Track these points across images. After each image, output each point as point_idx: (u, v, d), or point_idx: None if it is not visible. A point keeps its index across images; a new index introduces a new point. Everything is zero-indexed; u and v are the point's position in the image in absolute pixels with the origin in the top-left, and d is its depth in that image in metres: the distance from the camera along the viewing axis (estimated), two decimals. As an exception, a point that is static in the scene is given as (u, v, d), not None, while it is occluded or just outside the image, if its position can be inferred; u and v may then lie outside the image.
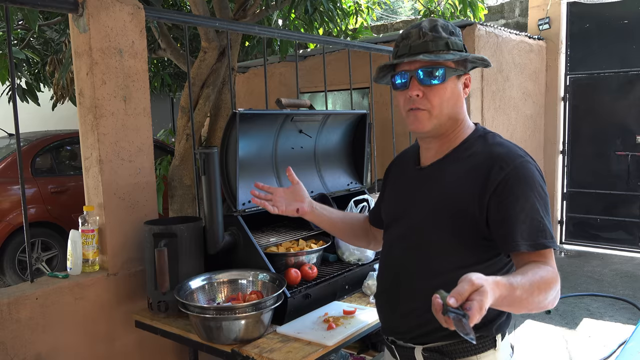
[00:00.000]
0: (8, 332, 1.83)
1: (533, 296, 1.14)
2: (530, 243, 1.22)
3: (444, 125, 1.37)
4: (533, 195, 1.25)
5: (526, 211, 1.23)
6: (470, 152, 1.36)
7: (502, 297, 1.07)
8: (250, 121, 2.13)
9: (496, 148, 1.33)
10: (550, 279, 1.19)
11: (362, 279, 2.22)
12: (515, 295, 1.10)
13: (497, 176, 1.26)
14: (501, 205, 1.25)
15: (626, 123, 6.03)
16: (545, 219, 1.24)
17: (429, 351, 1.36)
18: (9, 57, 1.98)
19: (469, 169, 1.32)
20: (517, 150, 1.33)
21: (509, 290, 1.08)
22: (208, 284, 1.94)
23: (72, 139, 6.04)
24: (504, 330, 1.38)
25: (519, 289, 1.10)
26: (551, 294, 1.18)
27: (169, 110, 10.97)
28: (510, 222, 1.24)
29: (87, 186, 2.16)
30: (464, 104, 1.41)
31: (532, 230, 1.23)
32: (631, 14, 5.89)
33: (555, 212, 6.55)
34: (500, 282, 1.07)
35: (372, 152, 4.53)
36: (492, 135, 1.40)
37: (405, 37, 1.36)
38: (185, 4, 5.78)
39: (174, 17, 2.72)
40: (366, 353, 2.46)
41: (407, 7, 19.01)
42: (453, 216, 1.31)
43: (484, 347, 1.34)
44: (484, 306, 1.00)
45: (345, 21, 6.19)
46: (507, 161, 1.28)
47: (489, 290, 1.01)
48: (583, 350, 3.76)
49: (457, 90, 1.38)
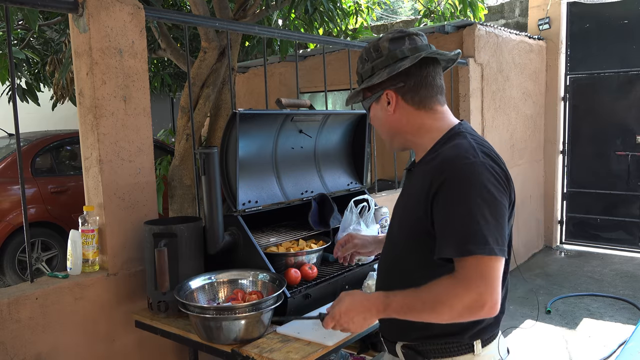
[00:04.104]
0: (8, 332, 1.83)
1: (417, 311, 1.24)
2: (455, 249, 1.19)
3: (400, 142, 1.46)
4: (469, 199, 1.19)
5: (457, 216, 1.19)
6: (433, 155, 1.34)
7: (380, 310, 1.29)
8: (250, 121, 2.13)
9: (448, 150, 1.29)
10: (442, 294, 1.20)
11: (362, 279, 2.22)
12: (393, 308, 1.27)
13: (437, 181, 1.24)
14: (438, 210, 1.24)
15: (626, 123, 6.03)
16: (481, 223, 1.17)
17: (406, 348, 1.40)
18: (9, 57, 1.98)
19: (422, 175, 1.32)
20: (467, 151, 1.26)
21: (383, 304, 1.29)
22: (208, 284, 1.93)
23: (72, 139, 6.03)
24: (483, 337, 1.35)
25: (395, 302, 1.27)
26: (451, 309, 1.19)
27: (169, 110, 10.97)
28: (442, 227, 1.22)
29: (87, 186, 2.16)
30: (406, 117, 1.40)
31: (460, 236, 1.18)
32: (631, 14, 5.89)
33: (555, 212, 6.55)
34: (372, 296, 1.33)
35: (372, 152, 4.53)
36: (459, 135, 1.34)
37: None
38: (185, 4, 5.78)
39: (174, 17, 2.72)
40: (366, 353, 2.45)
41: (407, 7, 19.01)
42: (411, 219, 1.34)
43: (460, 351, 1.34)
44: (334, 312, 1.37)
45: (345, 21, 6.19)
46: (448, 164, 1.25)
47: (344, 301, 1.36)
48: (583, 350, 3.76)
49: (381, 114, 1.43)
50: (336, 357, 2.34)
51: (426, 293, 1.22)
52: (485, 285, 1.17)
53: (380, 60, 1.38)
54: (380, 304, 1.30)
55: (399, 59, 1.35)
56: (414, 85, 1.37)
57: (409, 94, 1.38)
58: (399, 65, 1.34)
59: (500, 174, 1.25)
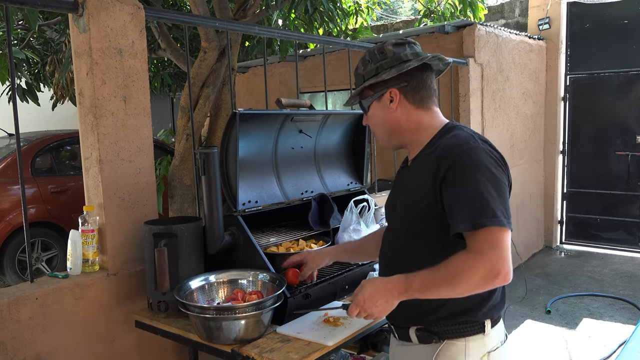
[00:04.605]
0: (8, 332, 1.83)
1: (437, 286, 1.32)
2: (469, 223, 1.29)
3: (393, 140, 1.56)
4: (475, 179, 1.32)
5: (467, 194, 1.31)
6: (432, 149, 1.46)
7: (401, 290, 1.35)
8: (250, 121, 2.13)
9: (448, 141, 1.43)
10: (460, 268, 1.29)
11: (362, 278, 2.21)
12: (415, 287, 1.34)
13: (443, 166, 1.36)
14: (448, 191, 1.35)
15: (626, 123, 6.03)
16: (488, 198, 1.29)
17: (420, 330, 1.48)
18: (9, 57, 1.98)
19: (426, 165, 1.44)
20: (468, 139, 1.40)
21: (404, 284, 1.35)
22: (208, 284, 1.93)
23: (72, 139, 6.03)
24: (492, 316, 1.46)
25: (416, 282, 1.33)
26: (468, 280, 1.28)
27: (169, 110, 10.96)
28: (453, 206, 1.33)
29: (87, 186, 2.16)
30: (406, 115, 1.52)
31: (471, 211, 1.29)
32: (631, 14, 5.89)
33: (555, 212, 6.55)
34: (393, 279, 1.38)
35: (372, 152, 4.53)
36: (454, 129, 1.48)
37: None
38: (185, 4, 5.78)
39: (174, 17, 2.72)
40: (366, 353, 2.45)
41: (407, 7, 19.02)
42: (413, 207, 1.45)
43: (472, 331, 1.44)
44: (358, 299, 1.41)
45: (345, 21, 6.19)
46: (451, 151, 1.38)
47: (365, 287, 1.41)
48: (583, 350, 3.76)
49: (381, 112, 1.53)
50: (336, 357, 2.34)
51: (443, 269, 1.31)
52: (497, 255, 1.27)
53: (386, 61, 1.49)
54: (401, 285, 1.36)
55: (404, 61, 1.48)
56: (416, 86, 1.50)
57: (410, 93, 1.51)
58: (407, 65, 1.46)
59: (497, 157, 1.40)
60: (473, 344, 1.44)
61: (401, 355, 1.57)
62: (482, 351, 1.44)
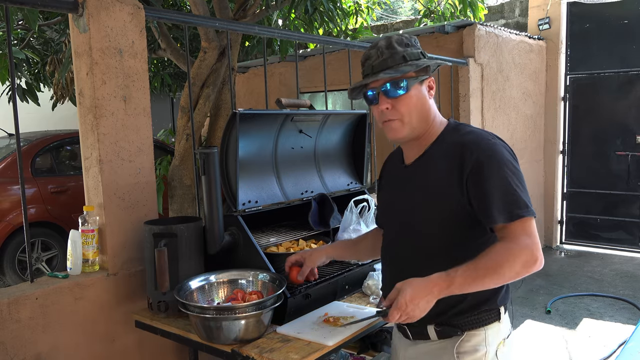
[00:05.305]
0: (8, 332, 1.83)
1: (481, 277, 1.33)
2: (506, 215, 1.35)
3: (417, 128, 1.51)
4: (503, 172, 1.37)
5: (499, 187, 1.36)
6: (445, 144, 1.49)
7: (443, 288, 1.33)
8: (250, 121, 2.13)
9: (466, 136, 1.46)
10: (504, 256, 1.32)
11: (362, 279, 2.22)
12: (458, 282, 1.33)
13: (469, 160, 1.39)
14: (477, 185, 1.38)
15: (626, 123, 6.03)
16: (519, 191, 1.37)
17: (441, 325, 1.49)
18: (9, 57, 1.98)
19: (446, 159, 1.45)
20: (487, 135, 1.46)
21: (447, 281, 1.33)
22: (208, 284, 1.93)
23: (72, 139, 6.03)
24: (505, 302, 1.52)
25: (459, 277, 1.32)
26: (511, 268, 1.32)
27: (169, 110, 10.96)
28: (486, 199, 1.37)
29: (87, 186, 2.16)
30: (432, 104, 1.54)
31: (507, 204, 1.35)
32: (631, 14, 5.89)
33: (556, 212, 6.55)
34: (434, 277, 1.34)
35: (372, 152, 4.53)
36: (463, 126, 1.53)
37: (367, 58, 1.52)
38: (185, 4, 5.78)
39: (174, 17, 2.72)
40: (366, 353, 2.45)
41: (407, 7, 19.02)
42: (438, 204, 1.46)
43: (490, 320, 1.48)
44: (400, 303, 1.34)
45: (345, 21, 6.19)
46: (476, 145, 1.41)
47: (407, 290, 1.34)
48: (583, 350, 3.76)
49: (422, 95, 1.51)
50: (336, 357, 2.34)
51: (485, 261, 1.33)
52: (533, 242, 1.34)
53: (420, 51, 1.52)
54: (442, 283, 1.34)
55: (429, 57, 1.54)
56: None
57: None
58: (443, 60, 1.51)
59: (512, 151, 1.46)
60: (491, 331, 1.48)
61: (416, 355, 1.55)
62: (498, 338, 1.49)
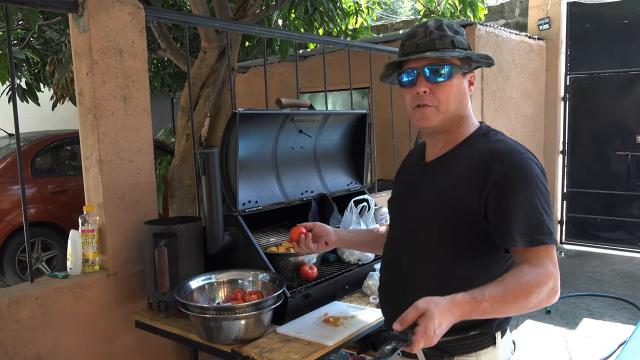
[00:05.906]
0: (8, 332, 1.83)
1: (509, 303, 1.18)
2: (527, 239, 1.23)
3: (450, 121, 1.39)
4: (532, 191, 1.25)
5: (524, 207, 1.24)
6: (472, 148, 1.37)
7: (466, 312, 1.15)
8: (250, 121, 2.13)
9: (497, 144, 1.35)
10: (534, 281, 1.20)
11: (362, 279, 2.22)
12: (483, 308, 1.16)
13: (496, 171, 1.27)
14: (500, 200, 1.26)
15: (626, 123, 6.03)
16: (544, 215, 1.25)
17: (429, 348, 1.31)
18: (9, 57, 1.98)
19: (470, 164, 1.34)
20: (518, 147, 1.34)
21: (472, 306, 1.15)
22: (208, 284, 1.93)
23: (72, 139, 6.03)
24: (504, 328, 1.39)
25: (486, 301, 1.15)
26: (537, 295, 1.20)
27: (169, 110, 10.96)
28: (507, 218, 1.25)
29: (87, 186, 2.16)
30: (469, 101, 1.43)
31: (529, 226, 1.24)
32: (631, 14, 5.89)
33: (555, 212, 6.54)
34: (459, 300, 1.14)
35: (372, 152, 4.53)
36: (494, 132, 1.42)
37: (412, 36, 1.38)
38: (185, 4, 5.77)
39: (174, 17, 2.72)
40: (366, 353, 2.45)
41: (407, 7, 19.02)
42: (452, 210, 1.33)
43: (484, 344, 1.36)
44: (429, 329, 1.09)
45: (345, 21, 6.18)
46: (507, 157, 1.30)
47: (436, 313, 1.10)
48: (583, 350, 3.76)
49: (463, 87, 1.40)
50: (336, 357, 2.34)
51: (513, 284, 1.20)
52: (557, 272, 1.24)
53: (466, 41, 1.42)
54: (467, 307, 1.16)
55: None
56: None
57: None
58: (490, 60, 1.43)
59: (542, 168, 1.34)
60: (485, 357, 1.36)
61: None
62: None
